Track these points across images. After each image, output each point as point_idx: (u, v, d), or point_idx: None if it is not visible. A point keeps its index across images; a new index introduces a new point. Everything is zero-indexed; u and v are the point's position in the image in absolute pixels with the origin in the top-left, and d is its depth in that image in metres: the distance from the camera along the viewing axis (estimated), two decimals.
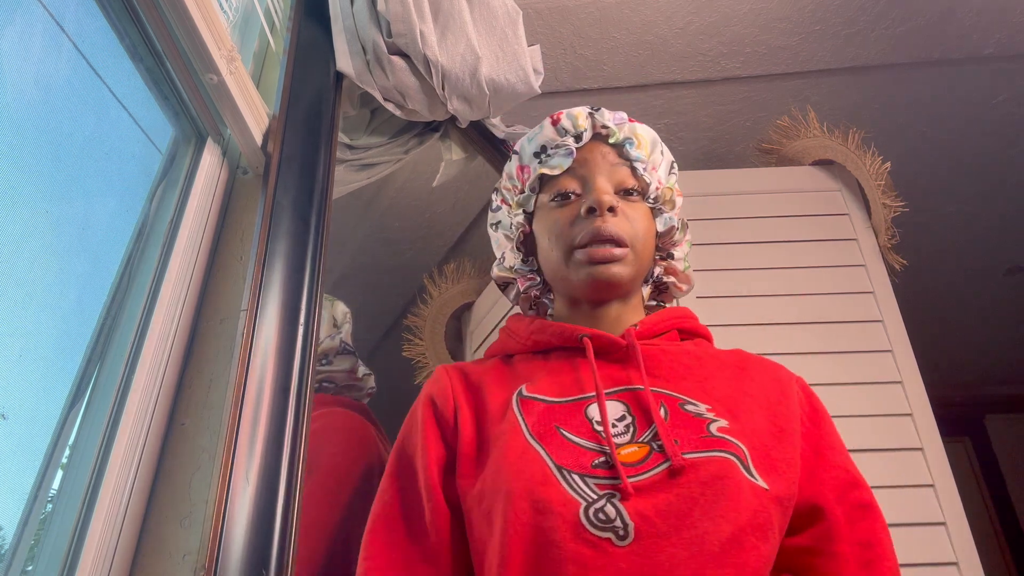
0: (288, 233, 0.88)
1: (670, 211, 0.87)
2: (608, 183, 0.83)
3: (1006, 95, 2.05)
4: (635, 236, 0.81)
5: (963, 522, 1.39)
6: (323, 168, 0.98)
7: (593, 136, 0.86)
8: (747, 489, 0.64)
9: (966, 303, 2.94)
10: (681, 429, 0.69)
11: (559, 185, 0.85)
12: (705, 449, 0.67)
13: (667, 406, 0.72)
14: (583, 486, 0.64)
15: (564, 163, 0.84)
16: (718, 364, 0.80)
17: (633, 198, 0.84)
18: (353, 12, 1.11)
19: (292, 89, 1.00)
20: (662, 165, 0.89)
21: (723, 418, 0.71)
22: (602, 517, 0.62)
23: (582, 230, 0.80)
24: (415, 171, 2.13)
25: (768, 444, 0.70)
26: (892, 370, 1.53)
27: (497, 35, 1.24)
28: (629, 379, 0.76)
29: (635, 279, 0.83)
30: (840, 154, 1.75)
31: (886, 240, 1.70)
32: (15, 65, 0.74)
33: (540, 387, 0.76)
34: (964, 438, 3.49)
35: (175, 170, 0.94)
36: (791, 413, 0.75)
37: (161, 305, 0.81)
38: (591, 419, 0.71)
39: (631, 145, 0.85)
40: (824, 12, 1.82)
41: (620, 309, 0.84)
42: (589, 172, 0.83)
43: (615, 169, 0.84)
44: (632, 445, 0.68)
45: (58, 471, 0.71)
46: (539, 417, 0.72)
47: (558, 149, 0.85)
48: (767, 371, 0.81)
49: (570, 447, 0.68)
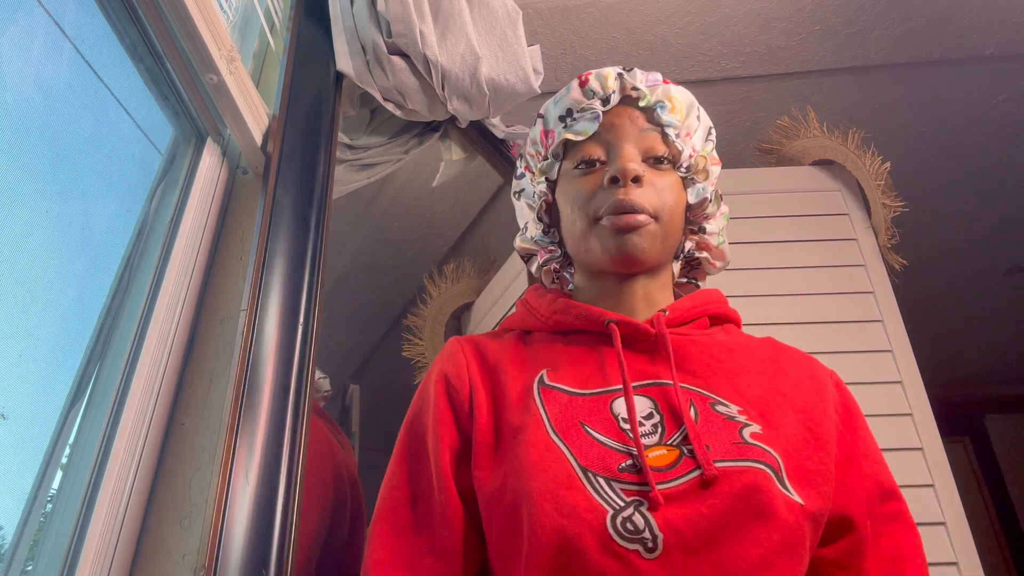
0: (288, 233, 0.89)
1: (703, 181, 0.80)
2: (636, 150, 0.77)
3: (1006, 95, 2.05)
4: (662, 207, 0.75)
5: (963, 522, 1.39)
6: (323, 168, 0.98)
7: (622, 99, 0.79)
8: (781, 505, 0.59)
9: (966, 303, 2.95)
10: (712, 433, 0.64)
11: (583, 152, 0.79)
12: (738, 458, 0.62)
13: (697, 406, 0.67)
14: (609, 491, 0.60)
15: (590, 128, 0.78)
16: (750, 357, 0.75)
17: (663, 166, 0.77)
18: (353, 12, 1.11)
19: (292, 89, 1.00)
20: (698, 131, 0.82)
21: (756, 422, 0.66)
22: (630, 527, 0.58)
23: (605, 201, 0.75)
24: (415, 171, 2.13)
25: (802, 453, 0.65)
26: (892, 370, 1.53)
27: (497, 35, 1.24)
28: (657, 372, 0.71)
29: (662, 253, 0.77)
30: (840, 154, 1.75)
31: (886, 240, 1.70)
32: (15, 65, 0.74)
33: (562, 375, 0.71)
34: (964, 438, 3.49)
35: (175, 170, 0.94)
36: (826, 417, 0.70)
37: (161, 305, 0.81)
38: (617, 415, 0.66)
39: (663, 109, 0.78)
40: (824, 12, 1.82)
41: (647, 286, 0.78)
42: (615, 138, 0.77)
43: (644, 135, 0.77)
44: (660, 447, 0.63)
45: (58, 471, 0.71)
46: (562, 410, 0.67)
47: (584, 113, 0.79)
48: (801, 367, 0.76)
49: (595, 447, 0.63)
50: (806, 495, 0.62)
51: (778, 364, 0.75)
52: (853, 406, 0.75)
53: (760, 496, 0.59)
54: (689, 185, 0.80)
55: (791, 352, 0.79)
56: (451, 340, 0.81)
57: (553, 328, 0.79)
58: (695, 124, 0.81)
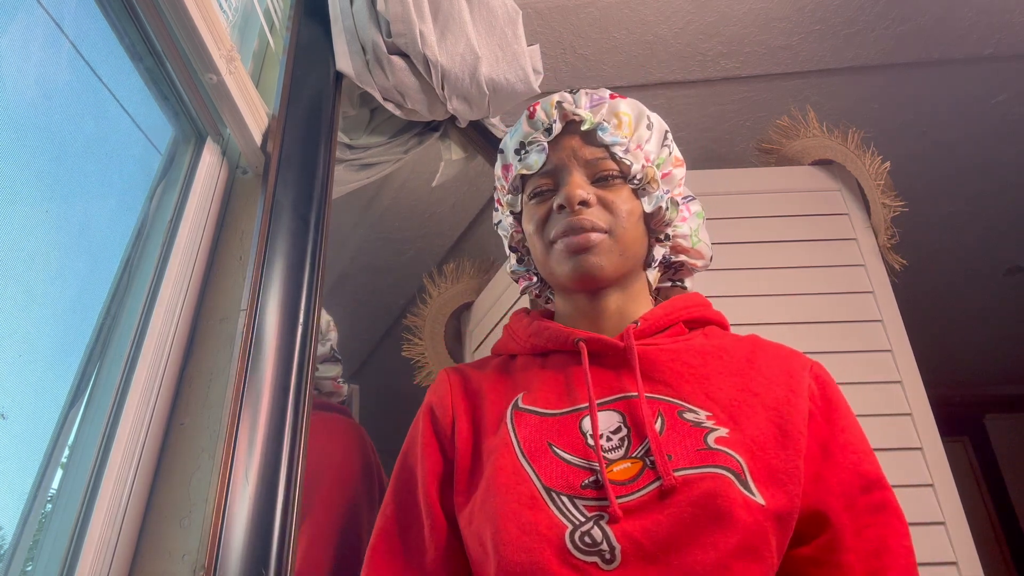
0: (288, 233, 0.89)
1: (656, 190, 0.81)
2: (582, 175, 0.79)
3: (1006, 95, 2.05)
4: (615, 222, 0.77)
5: (963, 522, 1.39)
6: (323, 168, 0.98)
7: (566, 126, 0.82)
8: (740, 508, 0.61)
9: (966, 303, 2.94)
10: (677, 442, 0.66)
11: (535, 183, 0.82)
12: (699, 464, 0.64)
13: (664, 415, 0.69)
14: (571, 508, 0.63)
15: (539, 160, 0.81)
16: (725, 360, 0.76)
17: (614, 183, 0.79)
18: (353, 12, 1.11)
19: (292, 89, 1.00)
20: (651, 140, 0.83)
21: (724, 426, 0.67)
22: (587, 541, 0.60)
23: (555, 225, 0.78)
24: (415, 171, 2.13)
25: (769, 452, 0.66)
26: (892, 370, 1.53)
27: (497, 35, 1.24)
28: (624, 386, 0.73)
29: (622, 265, 0.78)
30: (840, 154, 1.75)
31: (886, 240, 1.70)
32: (15, 65, 0.74)
33: (536, 397, 0.74)
34: (964, 438, 3.49)
35: (175, 170, 0.94)
36: (797, 411, 0.70)
37: (161, 305, 0.81)
38: (585, 433, 0.69)
39: (605, 130, 0.80)
40: (824, 12, 1.82)
41: (620, 299, 0.81)
42: (561, 167, 0.80)
43: (590, 158, 0.79)
44: (625, 461, 0.66)
45: (58, 471, 0.71)
46: (532, 432, 0.70)
47: (532, 145, 0.82)
48: (778, 362, 0.76)
49: (560, 467, 0.66)
50: (770, 495, 0.63)
51: (752, 363, 0.75)
52: (832, 396, 0.75)
53: (718, 501, 0.61)
54: (643, 195, 0.81)
55: (770, 349, 0.79)
56: (440, 372, 0.86)
57: (531, 351, 0.82)
58: (646, 134, 0.83)
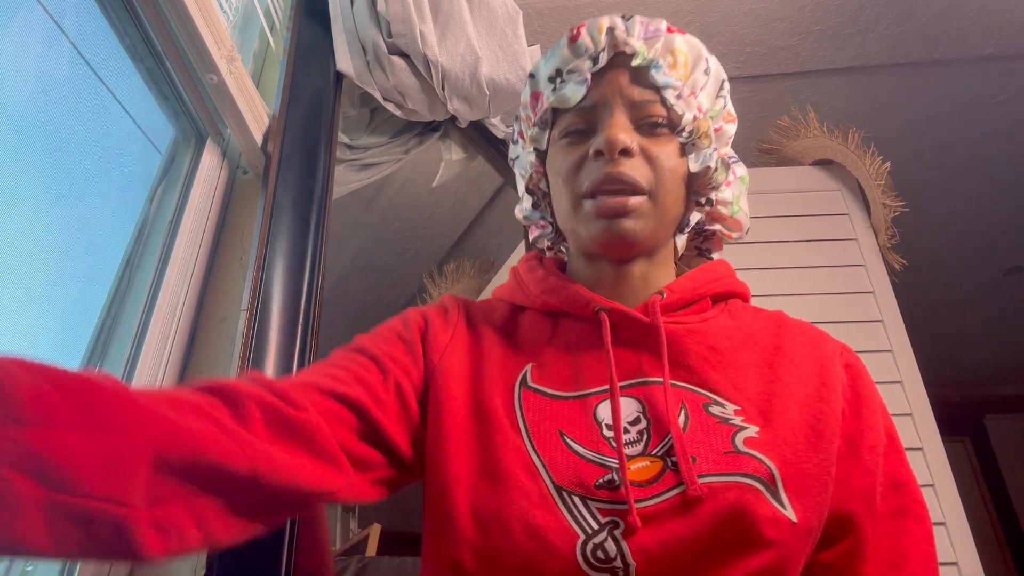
0: (288, 233, 0.88)
1: (707, 146, 0.69)
2: (625, 117, 0.67)
3: (1006, 95, 2.05)
4: (657, 181, 0.65)
5: (963, 522, 1.39)
6: (323, 168, 0.98)
7: (613, 57, 0.68)
8: (769, 526, 0.54)
9: (966, 303, 2.95)
10: (701, 441, 0.58)
11: (570, 120, 0.69)
12: (727, 471, 0.56)
13: (688, 407, 0.61)
14: (583, 512, 0.55)
15: (577, 93, 0.68)
16: (751, 344, 0.67)
17: (660, 133, 0.67)
18: (353, 12, 1.11)
19: (292, 89, 1.00)
20: (706, 87, 0.71)
21: (753, 423, 0.60)
22: (600, 556, 0.53)
23: (590, 175, 0.66)
24: (415, 171, 2.13)
25: (802, 456, 0.59)
26: (892, 370, 1.53)
27: (497, 35, 1.24)
28: (642, 369, 0.64)
29: (659, 232, 0.68)
30: (840, 154, 1.75)
31: (886, 240, 1.70)
32: (15, 65, 0.74)
33: (546, 374, 0.65)
34: (964, 438, 3.49)
35: (175, 170, 0.94)
36: (832, 410, 0.62)
37: (161, 305, 0.81)
38: (600, 422, 0.60)
39: (659, 68, 0.67)
40: (824, 12, 1.82)
41: (646, 266, 0.70)
42: (603, 104, 0.67)
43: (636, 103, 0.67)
44: (643, 459, 0.57)
45: None
46: (541, 417, 0.61)
47: (572, 75, 0.69)
48: (808, 348, 0.68)
49: (572, 460, 0.58)
50: (801, 507, 0.56)
51: (781, 349, 0.67)
52: (862, 388, 0.67)
53: (745, 519, 0.54)
54: (690, 152, 0.69)
55: (798, 331, 0.70)
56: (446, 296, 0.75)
57: (542, 308, 0.72)
58: (702, 79, 0.71)
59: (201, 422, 0.46)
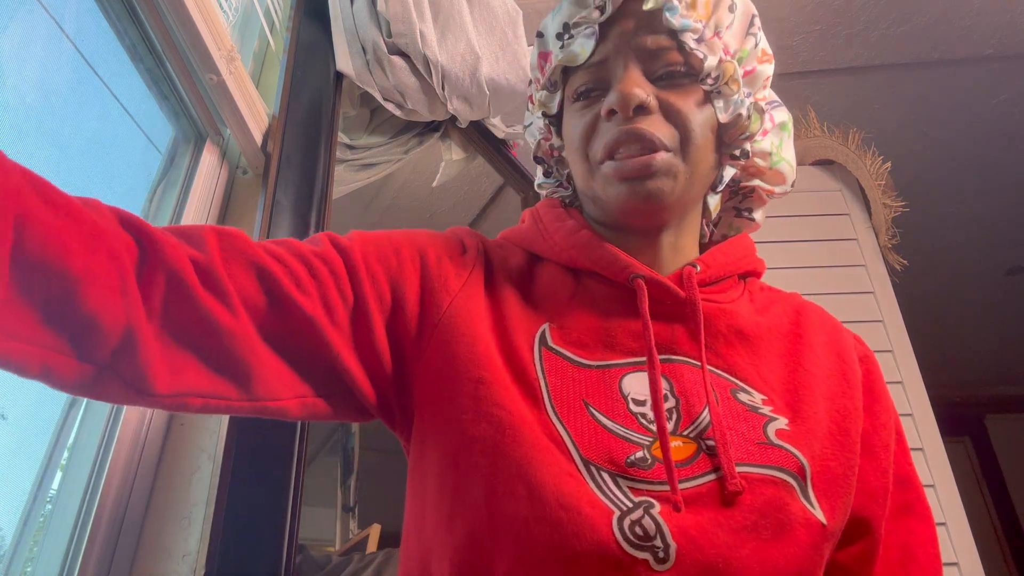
0: (288, 233, 0.88)
1: (735, 92, 0.62)
2: (638, 70, 0.60)
3: (1006, 95, 2.05)
4: (682, 136, 0.59)
5: (963, 522, 1.39)
6: (323, 168, 0.98)
7: (623, 4, 0.62)
8: (801, 527, 0.51)
9: (966, 303, 2.95)
10: (733, 428, 0.54)
11: (580, 79, 0.63)
12: (762, 463, 0.53)
13: (717, 392, 0.57)
14: (614, 489, 0.50)
15: (586, 47, 0.62)
16: (775, 331, 0.63)
17: (681, 82, 0.60)
18: (353, 12, 1.11)
19: (292, 89, 1.00)
20: (733, 25, 0.64)
21: (782, 415, 0.57)
22: (639, 532, 0.48)
23: (603, 138, 0.60)
24: (415, 171, 2.13)
25: (829, 454, 0.56)
26: (892, 370, 1.53)
27: (497, 35, 1.24)
28: (674, 345, 0.59)
29: (689, 192, 0.61)
30: (840, 154, 1.75)
31: (886, 240, 1.70)
32: (15, 65, 0.74)
33: (568, 336, 0.59)
34: (964, 438, 3.49)
35: (175, 170, 0.94)
36: (854, 406, 0.60)
37: None
38: (627, 396, 0.55)
39: (674, 10, 0.60)
40: (824, 12, 1.82)
41: (675, 235, 0.64)
42: (613, 58, 0.61)
43: (651, 47, 0.60)
44: (675, 439, 0.53)
45: (58, 471, 0.71)
46: (564, 382, 0.56)
47: (580, 28, 0.63)
48: (827, 338, 0.64)
49: (601, 434, 0.53)
50: (829, 508, 0.54)
51: (802, 338, 0.63)
52: (876, 383, 0.64)
53: (781, 515, 0.51)
54: (717, 100, 0.62)
55: (815, 317, 0.67)
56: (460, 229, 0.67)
57: (566, 263, 0.65)
58: (727, 17, 0.63)
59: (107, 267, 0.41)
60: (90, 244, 0.41)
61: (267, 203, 0.90)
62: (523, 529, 0.49)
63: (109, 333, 0.41)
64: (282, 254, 0.53)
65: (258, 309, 0.50)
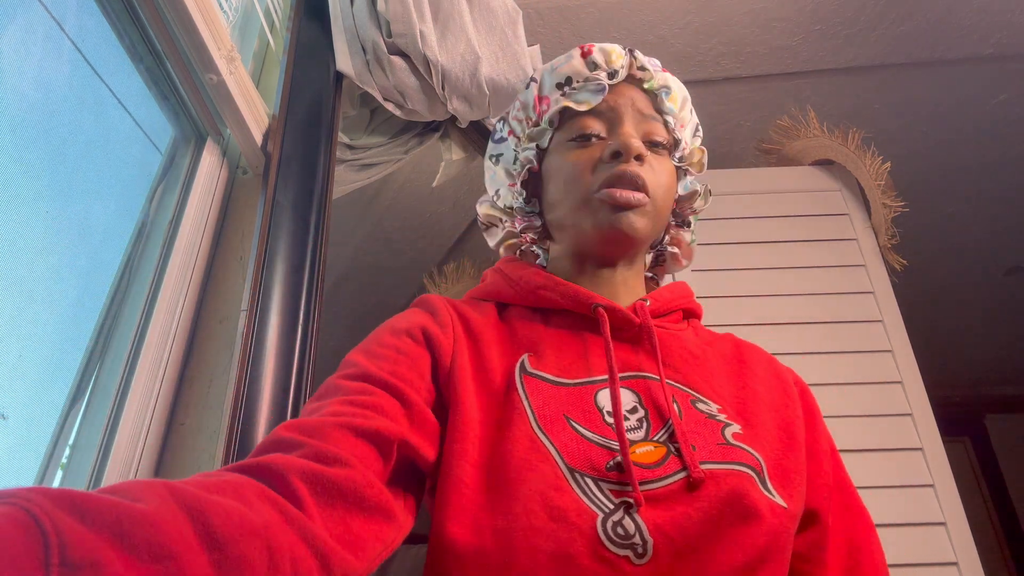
0: (288, 233, 0.88)
1: (696, 173, 0.79)
2: (635, 128, 0.74)
3: (1006, 95, 2.05)
4: (658, 190, 0.72)
5: (963, 522, 1.39)
6: (323, 168, 0.98)
7: (627, 78, 0.77)
8: (765, 510, 0.58)
9: (966, 303, 2.95)
10: (696, 432, 0.63)
11: (582, 124, 0.75)
12: (723, 460, 0.60)
13: (679, 403, 0.65)
14: (597, 493, 0.57)
15: (593, 99, 0.75)
16: (719, 355, 0.74)
17: (660, 152, 0.75)
18: (353, 12, 1.11)
19: (292, 89, 1.00)
20: (689, 126, 0.80)
21: (735, 422, 0.65)
22: (620, 532, 0.55)
23: (603, 174, 0.71)
24: (415, 171, 2.13)
25: (780, 454, 0.65)
26: (892, 370, 1.53)
27: (497, 35, 1.24)
28: (640, 364, 0.68)
29: (650, 237, 0.74)
30: (840, 154, 1.75)
31: (886, 240, 1.70)
32: (15, 65, 0.74)
33: (545, 362, 0.67)
34: (964, 438, 3.49)
35: (175, 170, 0.94)
36: (796, 416, 0.70)
37: (161, 305, 0.81)
38: (601, 408, 0.63)
39: (665, 95, 0.77)
40: (824, 12, 1.82)
41: (627, 273, 0.76)
42: (618, 114, 0.74)
43: (645, 118, 0.75)
44: (647, 443, 0.61)
45: (58, 471, 0.71)
46: (546, 402, 0.63)
47: (587, 83, 0.76)
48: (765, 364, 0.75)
49: (581, 444, 0.60)
50: (787, 495, 0.61)
51: (745, 363, 0.74)
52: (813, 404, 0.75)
53: (745, 501, 0.58)
54: (681, 176, 0.78)
55: (753, 349, 0.78)
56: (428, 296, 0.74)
57: (533, 304, 0.74)
58: (688, 117, 0.80)
59: (265, 513, 0.43)
60: None
61: (267, 203, 0.90)
62: (533, 543, 0.55)
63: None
64: (364, 412, 0.58)
65: None
